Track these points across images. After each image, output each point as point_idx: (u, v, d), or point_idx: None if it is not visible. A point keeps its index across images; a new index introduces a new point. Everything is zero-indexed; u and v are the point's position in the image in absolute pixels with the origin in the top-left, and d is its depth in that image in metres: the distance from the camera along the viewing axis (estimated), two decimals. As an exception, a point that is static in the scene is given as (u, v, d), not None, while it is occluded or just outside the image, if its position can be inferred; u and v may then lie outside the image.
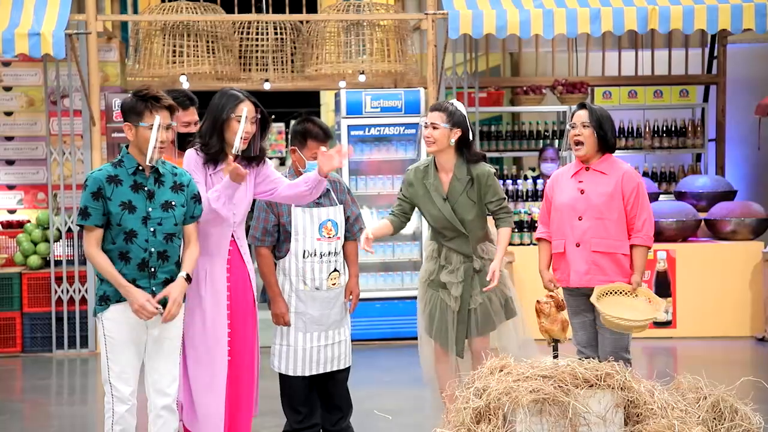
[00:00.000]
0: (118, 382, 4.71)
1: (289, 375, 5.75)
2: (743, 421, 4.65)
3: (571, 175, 5.79)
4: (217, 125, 5.01)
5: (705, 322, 9.73)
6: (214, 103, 5.03)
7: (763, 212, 10.06)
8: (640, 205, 5.69)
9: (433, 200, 5.85)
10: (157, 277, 4.77)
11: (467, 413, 4.66)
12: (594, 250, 5.65)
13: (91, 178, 4.73)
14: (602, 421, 4.51)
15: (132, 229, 4.71)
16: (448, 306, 5.85)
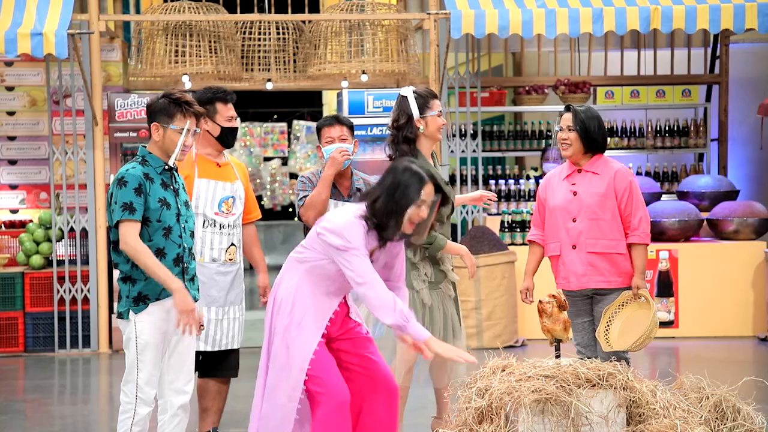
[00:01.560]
0: (146, 386, 4.73)
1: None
2: (746, 420, 4.65)
3: (564, 177, 5.78)
4: (395, 209, 4.40)
5: (707, 322, 9.73)
6: (395, 178, 4.48)
7: (765, 212, 10.05)
8: (634, 203, 5.68)
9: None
10: (188, 273, 4.83)
11: (469, 413, 4.67)
12: (590, 251, 5.65)
13: (129, 175, 4.71)
14: (604, 421, 4.51)
15: (170, 225, 4.76)
16: (448, 297, 5.73)
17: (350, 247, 4.33)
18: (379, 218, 4.39)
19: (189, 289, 4.80)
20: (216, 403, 5.89)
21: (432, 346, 4.36)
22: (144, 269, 4.66)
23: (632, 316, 5.55)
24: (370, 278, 4.32)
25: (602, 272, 5.65)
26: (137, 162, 4.81)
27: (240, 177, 5.87)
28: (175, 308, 4.68)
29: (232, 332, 5.78)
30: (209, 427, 5.89)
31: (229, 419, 6.64)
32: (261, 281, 6.04)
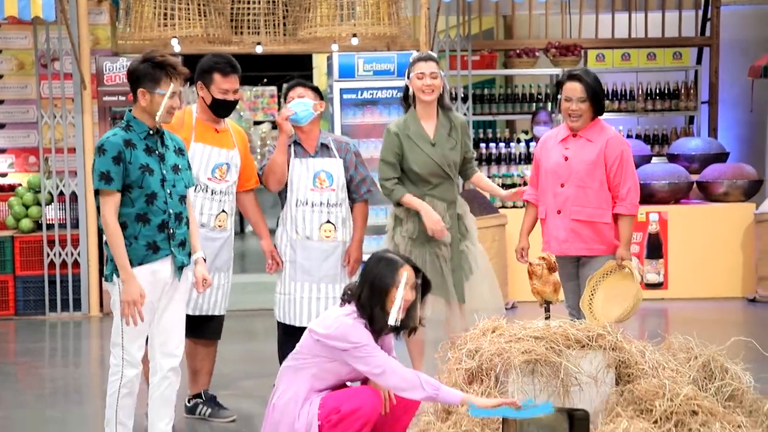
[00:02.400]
0: (132, 347, 4.72)
1: (284, 323, 5.89)
2: (733, 380, 4.68)
3: (559, 140, 5.74)
4: (376, 296, 4.37)
5: (696, 284, 9.77)
6: (371, 270, 4.47)
7: (755, 174, 10.08)
8: (624, 172, 5.63)
9: (419, 147, 5.91)
10: (175, 239, 4.79)
11: (459, 374, 4.69)
12: (574, 218, 5.63)
13: (108, 143, 4.68)
14: (594, 381, 4.54)
15: (153, 191, 4.72)
16: (439, 257, 5.87)
17: (359, 346, 4.27)
18: (366, 310, 4.33)
19: (178, 255, 4.79)
20: (206, 364, 5.91)
21: (473, 402, 4.25)
22: (109, 243, 4.68)
23: (616, 285, 5.54)
24: (386, 366, 4.25)
25: (585, 239, 5.64)
26: (121, 128, 4.77)
27: (238, 144, 5.86)
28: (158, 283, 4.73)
29: (214, 298, 5.77)
30: (200, 388, 5.92)
31: (219, 382, 6.65)
32: (266, 246, 5.97)
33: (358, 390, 4.32)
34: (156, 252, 4.74)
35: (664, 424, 4.31)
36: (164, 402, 4.86)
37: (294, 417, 4.27)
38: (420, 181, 5.93)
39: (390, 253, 4.45)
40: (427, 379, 4.22)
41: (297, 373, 4.35)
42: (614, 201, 5.65)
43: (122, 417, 4.75)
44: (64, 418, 6.03)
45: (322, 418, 4.23)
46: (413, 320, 4.41)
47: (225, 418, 5.83)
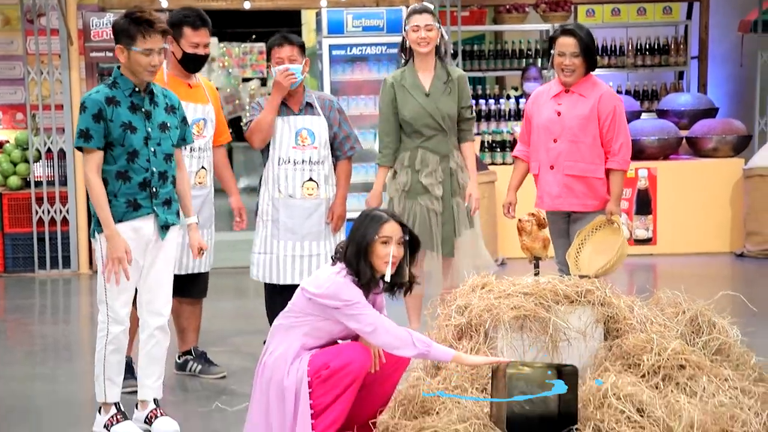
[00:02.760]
0: (115, 303, 4.71)
1: (272, 283, 5.91)
2: (720, 334, 4.71)
3: (552, 95, 5.74)
4: (361, 250, 4.33)
5: (685, 239, 9.81)
6: (357, 226, 4.42)
7: (744, 129, 10.09)
8: (616, 128, 5.63)
9: (414, 97, 5.97)
10: (158, 197, 4.76)
11: (449, 330, 4.71)
12: (567, 173, 5.64)
13: (89, 100, 4.65)
14: (582, 337, 4.56)
15: (135, 149, 4.68)
16: (429, 210, 5.95)
17: (350, 304, 4.25)
18: (351, 265, 4.31)
19: (161, 214, 4.76)
20: (192, 322, 5.91)
21: (462, 360, 4.29)
22: (91, 201, 4.68)
23: (604, 241, 5.55)
24: (378, 324, 4.23)
25: (577, 195, 5.65)
26: (106, 84, 4.73)
27: (211, 99, 5.82)
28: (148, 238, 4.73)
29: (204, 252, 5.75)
30: (189, 346, 5.93)
31: (209, 339, 6.68)
32: (235, 203, 6.00)
33: (348, 346, 4.33)
34: (137, 210, 4.71)
35: (652, 378, 4.34)
36: (152, 360, 4.86)
37: (283, 374, 4.29)
38: (413, 133, 5.97)
39: (378, 210, 4.44)
40: (418, 336, 4.23)
41: (288, 332, 4.36)
42: (606, 156, 5.65)
43: (110, 373, 4.75)
44: (54, 375, 6.05)
45: (311, 375, 4.25)
46: (402, 277, 4.41)
47: (215, 374, 5.85)
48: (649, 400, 4.09)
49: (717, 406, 4.13)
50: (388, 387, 4.41)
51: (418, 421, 4.19)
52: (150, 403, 4.87)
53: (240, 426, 4.64)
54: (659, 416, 4.00)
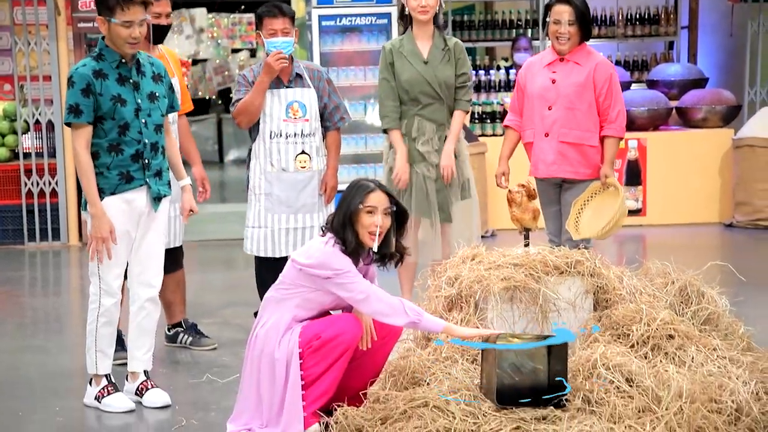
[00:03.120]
0: (108, 276, 4.70)
1: (260, 256, 5.90)
2: (709, 304, 4.73)
3: (545, 64, 5.74)
4: (347, 218, 4.32)
5: (675, 210, 9.83)
6: (344, 195, 4.40)
7: (733, 99, 10.09)
8: (613, 95, 5.66)
9: (411, 64, 5.98)
10: (150, 169, 4.74)
11: (439, 301, 4.72)
12: (562, 140, 5.65)
13: (77, 74, 4.61)
14: (572, 307, 4.58)
15: (126, 121, 4.65)
16: (426, 178, 5.97)
17: (339, 273, 4.24)
18: (339, 235, 4.30)
19: (154, 185, 4.75)
20: (177, 294, 5.90)
21: (452, 332, 4.28)
22: (79, 175, 4.66)
23: (602, 205, 5.59)
24: (369, 292, 4.23)
25: (572, 162, 5.66)
26: (92, 57, 4.69)
27: (175, 70, 5.78)
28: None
29: (173, 230, 5.74)
30: (179, 318, 5.93)
31: (200, 311, 6.70)
32: (197, 173, 5.96)
33: (340, 317, 4.34)
34: (129, 182, 4.69)
35: (641, 348, 4.36)
36: (142, 332, 4.87)
37: (274, 346, 4.30)
38: (410, 101, 5.99)
39: (366, 180, 4.44)
40: (410, 305, 4.24)
41: (280, 304, 4.36)
42: (602, 124, 5.67)
43: (102, 345, 4.75)
44: (45, 347, 6.05)
45: (302, 346, 4.26)
46: (390, 247, 4.41)
47: (206, 346, 5.86)
48: (638, 370, 4.11)
49: (705, 376, 4.16)
50: (380, 359, 4.43)
51: (409, 392, 4.21)
52: (140, 374, 4.88)
53: (231, 397, 4.65)
54: (648, 386, 4.02)
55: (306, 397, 4.25)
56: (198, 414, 4.67)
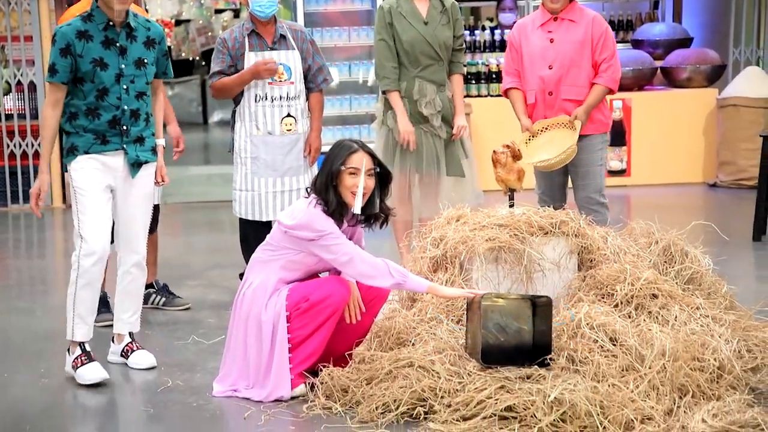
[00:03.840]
0: (88, 234, 4.58)
1: (246, 219, 5.90)
2: (693, 263, 4.76)
3: (539, 25, 5.70)
4: (329, 179, 4.31)
5: (659, 170, 9.86)
6: (328, 156, 4.41)
7: (718, 59, 10.08)
8: (608, 49, 5.67)
9: (411, 25, 5.96)
10: (129, 135, 4.66)
11: (424, 262, 4.73)
12: (564, 98, 5.63)
13: (59, 33, 4.55)
14: (556, 267, 4.60)
15: (105, 86, 4.57)
16: (433, 135, 6.01)
17: (323, 234, 4.24)
18: (321, 195, 4.29)
19: (131, 151, 4.65)
20: (151, 255, 5.87)
21: (437, 292, 4.31)
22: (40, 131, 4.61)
23: (559, 138, 5.56)
24: (353, 254, 4.22)
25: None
26: (81, 17, 4.60)
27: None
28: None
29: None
30: (151, 279, 5.88)
31: (185, 273, 6.71)
32: (172, 131, 5.92)
33: (327, 280, 4.35)
34: (104, 144, 4.62)
35: (625, 308, 4.39)
36: (127, 295, 4.82)
37: (261, 308, 4.31)
38: (410, 62, 5.98)
39: (349, 140, 4.43)
40: (395, 266, 4.25)
41: (266, 265, 4.37)
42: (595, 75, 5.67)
43: (81, 310, 4.61)
44: (30, 309, 6.05)
45: (290, 308, 4.27)
46: (373, 208, 4.41)
47: (179, 306, 5.86)
48: (622, 330, 4.14)
49: (688, 335, 4.19)
50: (366, 321, 4.45)
51: (394, 353, 4.23)
52: (126, 336, 4.87)
53: (217, 359, 4.66)
54: (631, 345, 4.05)
55: (293, 359, 4.27)
56: (184, 375, 4.68)
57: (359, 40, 9.69)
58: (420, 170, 6.01)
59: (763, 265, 6.80)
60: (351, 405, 4.11)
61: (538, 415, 3.75)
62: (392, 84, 5.98)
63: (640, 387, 3.88)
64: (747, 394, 4.03)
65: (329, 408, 4.11)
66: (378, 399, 4.01)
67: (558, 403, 3.77)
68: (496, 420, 3.82)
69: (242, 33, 5.79)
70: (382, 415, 3.96)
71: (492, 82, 9.96)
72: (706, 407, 3.85)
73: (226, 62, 5.80)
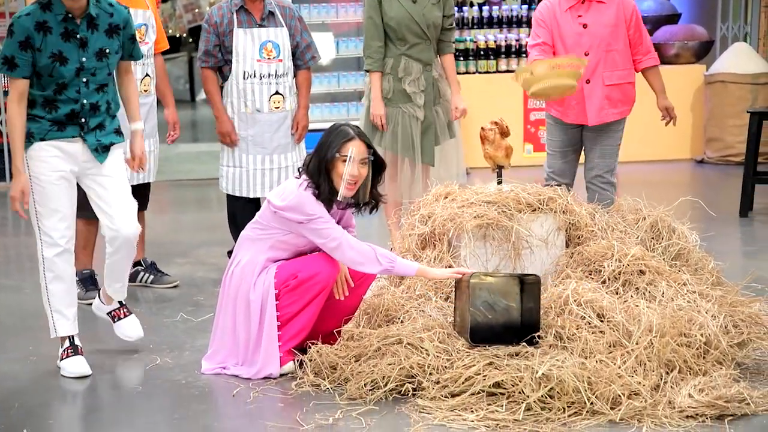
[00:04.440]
0: (47, 225, 4.40)
1: (234, 195, 5.89)
2: (680, 239, 4.78)
3: (566, 8, 5.53)
4: (323, 165, 4.28)
5: (647, 146, 9.87)
6: (323, 139, 4.35)
7: (706, 35, 10.08)
8: (642, 27, 5.62)
9: (400, 3, 5.93)
10: (87, 127, 4.42)
11: (413, 239, 4.74)
12: (607, 83, 5.56)
13: (17, 24, 4.27)
14: (544, 244, 4.61)
15: (64, 81, 4.34)
16: (412, 117, 5.97)
17: (312, 218, 4.22)
18: (314, 179, 4.27)
19: (92, 138, 4.41)
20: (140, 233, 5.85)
21: (426, 275, 4.30)
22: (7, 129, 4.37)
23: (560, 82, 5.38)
24: (342, 239, 4.21)
25: (615, 104, 5.58)
26: (39, 4, 4.30)
27: (150, 4, 5.69)
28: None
29: (147, 165, 5.67)
30: (139, 256, 5.86)
31: (174, 250, 6.71)
32: (170, 116, 5.91)
33: (316, 257, 4.35)
34: (62, 131, 4.39)
35: (612, 284, 4.41)
36: (114, 271, 4.61)
37: (250, 286, 4.31)
38: (397, 39, 5.95)
39: (346, 126, 4.41)
40: (382, 252, 4.25)
41: (255, 244, 4.37)
42: (635, 57, 5.61)
43: (56, 304, 4.45)
44: (19, 286, 6.04)
45: (279, 286, 4.27)
46: (364, 196, 4.40)
47: (167, 283, 5.86)
48: (609, 306, 4.16)
49: (675, 310, 4.21)
50: (355, 299, 4.45)
51: (383, 330, 4.24)
52: (115, 302, 4.70)
53: (206, 336, 4.67)
54: (619, 321, 4.07)
55: (281, 337, 4.28)
56: (173, 353, 4.68)
57: (347, 16, 9.66)
58: (395, 152, 5.99)
59: (749, 241, 6.83)
60: (340, 382, 4.13)
61: (526, 391, 3.78)
62: (374, 64, 5.96)
63: (627, 363, 3.90)
64: (733, 369, 4.06)
65: (318, 385, 4.13)
66: (366, 376, 4.02)
67: (546, 379, 3.79)
68: (484, 396, 3.84)
69: (230, 9, 5.76)
70: (370, 392, 3.98)
71: (480, 59, 9.95)
72: (693, 382, 3.88)
73: (211, 41, 5.79)
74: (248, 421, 3.89)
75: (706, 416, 3.73)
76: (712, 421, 3.72)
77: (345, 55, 9.84)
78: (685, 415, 3.73)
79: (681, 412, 3.74)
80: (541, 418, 3.73)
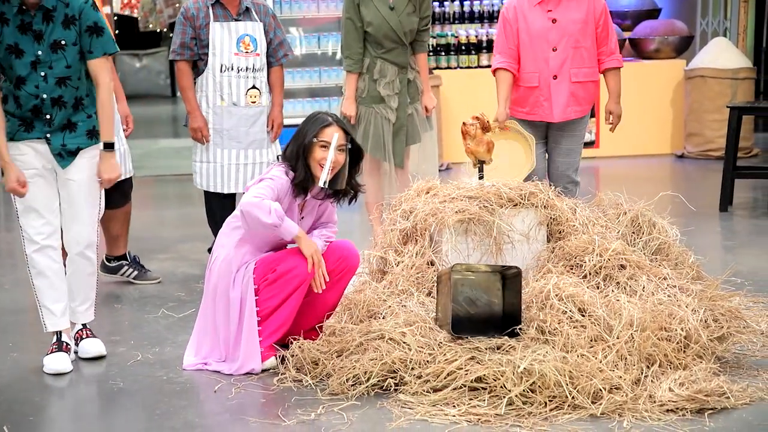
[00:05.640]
0: (24, 223, 4.41)
1: (209, 191, 5.86)
2: (660, 234, 4.79)
3: (535, 3, 5.51)
4: (300, 150, 4.34)
5: (627, 141, 9.90)
6: (301, 126, 4.39)
7: (686, 30, 10.13)
8: (610, 26, 5.59)
9: (377, 9, 5.93)
10: (53, 125, 4.35)
11: (394, 235, 4.74)
12: (574, 80, 5.55)
13: None
14: (526, 239, 4.62)
15: (20, 75, 4.27)
16: (384, 118, 5.98)
17: (265, 178, 4.28)
18: (291, 163, 4.31)
19: (57, 141, 4.35)
20: (125, 227, 5.83)
21: (300, 241, 4.27)
22: None
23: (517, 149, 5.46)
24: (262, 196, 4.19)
25: (580, 101, 5.57)
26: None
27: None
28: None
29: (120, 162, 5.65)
30: (123, 250, 5.84)
31: (156, 246, 6.69)
32: (121, 110, 5.80)
33: (294, 251, 4.36)
34: (29, 131, 4.36)
35: (593, 279, 4.42)
36: (72, 284, 4.53)
37: (229, 284, 4.31)
38: (374, 43, 5.96)
39: (325, 113, 4.43)
40: (279, 211, 4.18)
41: (231, 239, 4.37)
42: (600, 57, 5.60)
43: (44, 300, 4.47)
44: (0, 282, 6.02)
45: (258, 281, 4.27)
46: (341, 184, 4.41)
47: (150, 280, 5.84)
48: (591, 300, 4.17)
49: (656, 305, 4.23)
50: (335, 295, 4.46)
51: (365, 325, 4.25)
52: (77, 324, 4.62)
53: (187, 332, 4.66)
54: (600, 315, 4.09)
55: (262, 332, 4.28)
56: (154, 348, 4.67)
57: (328, 11, 9.64)
58: (365, 151, 5.96)
59: (729, 236, 6.87)
60: (321, 377, 4.13)
61: (508, 385, 3.79)
62: (353, 66, 5.98)
63: (608, 357, 3.92)
64: (713, 363, 4.08)
65: (300, 380, 4.13)
66: (348, 371, 4.02)
67: (527, 373, 3.80)
68: (466, 391, 3.85)
69: (206, 2, 5.75)
70: (352, 387, 3.98)
71: (461, 54, 9.95)
72: (673, 376, 3.90)
73: (187, 34, 5.76)
74: (230, 417, 3.89)
75: (686, 410, 3.75)
76: (692, 414, 3.74)
77: (326, 49, 9.83)
78: (666, 409, 3.75)
79: (661, 406, 3.76)
80: (522, 413, 3.74)
